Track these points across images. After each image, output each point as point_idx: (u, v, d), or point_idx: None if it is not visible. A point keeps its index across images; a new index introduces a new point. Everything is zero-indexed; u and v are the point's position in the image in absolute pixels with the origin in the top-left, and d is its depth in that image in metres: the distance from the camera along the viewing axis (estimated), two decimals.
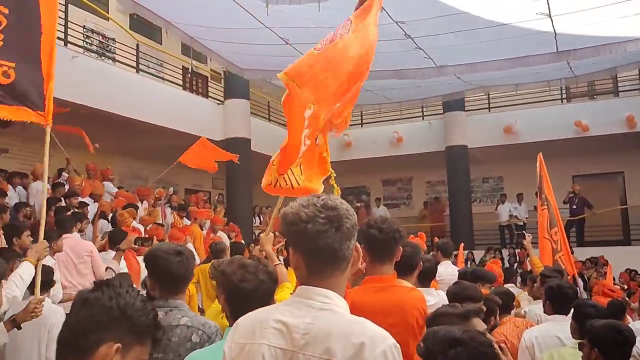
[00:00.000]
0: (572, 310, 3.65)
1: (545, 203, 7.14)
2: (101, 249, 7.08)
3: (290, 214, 1.57)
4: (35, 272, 3.88)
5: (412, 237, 5.96)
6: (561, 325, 3.72)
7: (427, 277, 4.07)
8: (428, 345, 1.77)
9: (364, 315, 1.58)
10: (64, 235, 6.17)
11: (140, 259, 6.70)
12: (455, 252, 8.99)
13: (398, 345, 1.50)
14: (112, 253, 6.58)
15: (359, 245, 1.63)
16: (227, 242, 8.81)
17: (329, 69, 3.22)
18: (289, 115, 3.18)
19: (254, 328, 1.59)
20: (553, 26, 7.88)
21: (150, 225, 9.09)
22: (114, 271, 6.13)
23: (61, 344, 1.46)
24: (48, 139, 3.88)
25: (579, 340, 3.17)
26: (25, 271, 3.84)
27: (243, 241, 9.99)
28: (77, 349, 1.42)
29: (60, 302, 5.32)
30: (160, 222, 10.07)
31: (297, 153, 3.26)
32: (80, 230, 7.50)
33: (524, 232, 7.46)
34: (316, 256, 1.56)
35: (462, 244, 9.94)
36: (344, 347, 1.45)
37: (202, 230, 10.27)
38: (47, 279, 4.29)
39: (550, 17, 7.57)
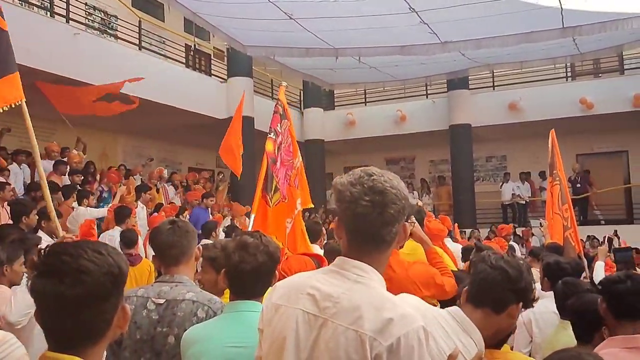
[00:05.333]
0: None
1: (557, 179, 7.13)
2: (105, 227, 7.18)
3: (338, 191, 1.57)
4: None
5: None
6: None
7: None
8: None
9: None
10: None
11: None
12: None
13: (427, 329, 1.50)
14: (118, 230, 6.60)
15: (407, 226, 1.63)
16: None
17: None
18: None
19: (290, 292, 1.62)
20: (559, 1, 7.79)
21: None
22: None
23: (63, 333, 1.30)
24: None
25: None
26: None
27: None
28: (88, 337, 1.32)
29: None
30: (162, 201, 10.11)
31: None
32: (89, 206, 7.62)
33: (541, 220, 7.50)
34: (356, 235, 1.57)
35: (456, 224, 10.01)
36: (372, 320, 1.46)
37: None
38: None
39: None
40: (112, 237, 6.54)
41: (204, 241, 5.98)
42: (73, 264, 1.27)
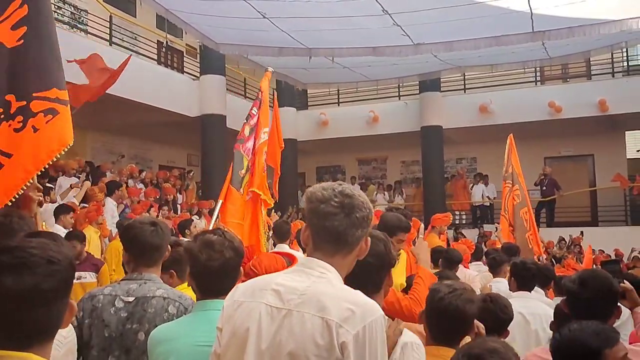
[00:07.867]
0: (535, 287, 3.73)
1: (508, 182, 7.28)
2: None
3: (310, 193, 1.70)
4: None
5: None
6: (525, 301, 3.78)
7: None
8: None
9: None
10: None
11: None
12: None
13: (386, 317, 1.63)
14: (58, 227, 6.43)
15: (369, 240, 1.75)
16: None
17: None
18: None
19: (254, 289, 1.69)
20: (530, 5, 7.93)
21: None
22: None
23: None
24: None
25: None
26: None
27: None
28: (47, 331, 1.27)
29: None
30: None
31: None
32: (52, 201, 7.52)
33: (496, 224, 7.65)
34: (322, 235, 1.67)
35: (421, 224, 10.01)
36: (337, 310, 1.55)
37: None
38: None
39: None
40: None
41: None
42: (42, 255, 1.23)
